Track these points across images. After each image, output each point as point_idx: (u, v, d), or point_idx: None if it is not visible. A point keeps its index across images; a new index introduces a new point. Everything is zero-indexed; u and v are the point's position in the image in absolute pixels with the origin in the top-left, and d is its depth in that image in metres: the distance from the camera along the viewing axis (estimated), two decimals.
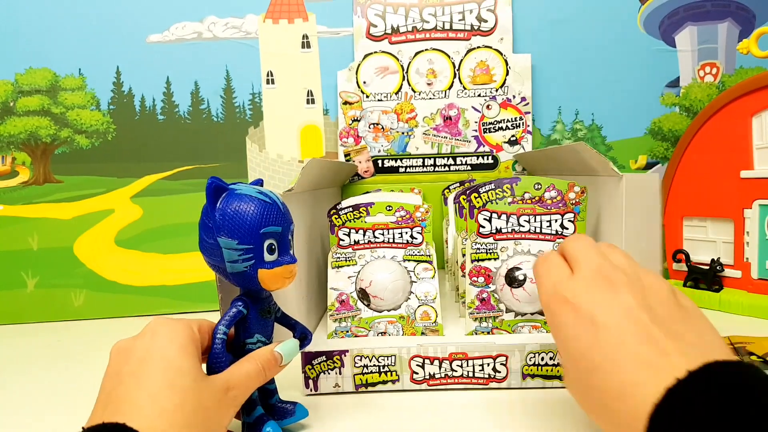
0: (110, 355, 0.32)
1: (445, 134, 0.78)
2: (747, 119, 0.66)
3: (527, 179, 0.48)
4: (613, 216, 0.47)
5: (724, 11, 0.77)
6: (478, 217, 0.48)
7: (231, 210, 0.33)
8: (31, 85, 0.76)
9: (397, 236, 0.50)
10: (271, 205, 0.35)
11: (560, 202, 0.47)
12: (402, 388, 0.44)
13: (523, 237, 0.48)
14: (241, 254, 0.33)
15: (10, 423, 0.44)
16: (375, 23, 0.78)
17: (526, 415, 0.40)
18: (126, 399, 0.29)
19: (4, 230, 0.77)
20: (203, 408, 0.30)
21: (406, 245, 0.50)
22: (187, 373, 0.30)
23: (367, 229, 0.50)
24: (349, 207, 0.51)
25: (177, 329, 0.32)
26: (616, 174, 0.45)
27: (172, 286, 0.78)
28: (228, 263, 0.34)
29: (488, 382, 0.44)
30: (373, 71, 0.78)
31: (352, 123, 0.78)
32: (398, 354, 0.44)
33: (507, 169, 0.78)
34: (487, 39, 0.77)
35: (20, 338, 0.70)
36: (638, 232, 0.45)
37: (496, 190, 0.48)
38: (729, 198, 0.67)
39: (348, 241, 0.51)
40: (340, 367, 0.44)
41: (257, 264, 0.34)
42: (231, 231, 0.33)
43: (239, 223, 0.33)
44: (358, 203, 0.51)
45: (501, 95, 0.77)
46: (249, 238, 0.33)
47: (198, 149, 0.79)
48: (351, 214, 0.51)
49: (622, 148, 0.80)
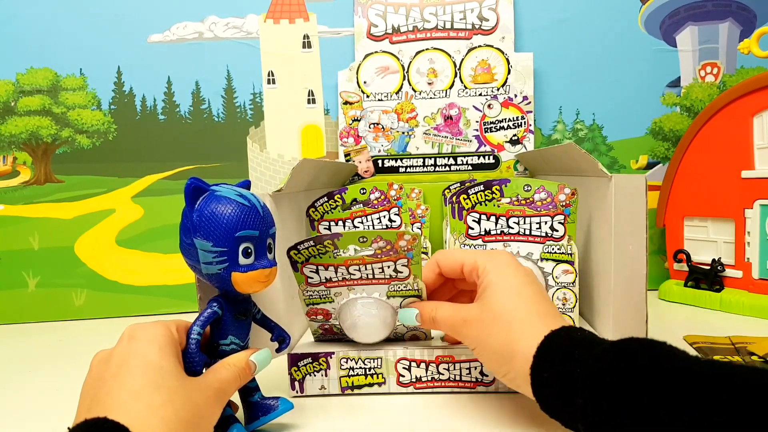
0: (90, 365, 0.32)
1: (446, 134, 0.78)
2: (748, 119, 0.66)
3: (516, 180, 0.47)
4: (603, 217, 0.47)
5: (725, 11, 0.77)
6: (467, 218, 0.48)
7: (208, 212, 0.33)
8: (32, 84, 0.76)
9: (377, 271, 0.41)
10: (249, 209, 0.34)
11: (550, 204, 0.47)
12: (388, 390, 0.44)
13: (513, 239, 0.48)
14: (216, 256, 0.33)
15: (11, 423, 0.44)
16: (376, 23, 0.78)
17: (514, 419, 0.39)
18: (108, 398, 0.28)
19: (5, 230, 0.77)
20: (192, 404, 0.30)
21: (389, 281, 0.42)
22: (169, 372, 0.30)
23: (339, 265, 0.41)
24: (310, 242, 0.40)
25: (155, 332, 0.32)
26: (605, 175, 0.45)
27: (173, 285, 0.78)
28: (203, 264, 0.34)
29: (475, 386, 0.43)
30: (373, 71, 0.78)
31: (353, 123, 0.78)
32: (384, 356, 0.44)
33: (508, 169, 0.78)
34: (488, 38, 0.77)
35: (21, 338, 0.70)
36: (626, 234, 0.45)
37: (485, 192, 0.48)
38: (730, 198, 0.67)
39: (318, 279, 0.42)
40: (326, 369, 0.44)
41: (231, 267, 0.34)
42: (206, 233, 0.33)
43: (215, 225, 0.33)
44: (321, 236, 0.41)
45: (503, 94, 0.77)
46: (224, 240, 0.33)
47: (199, 149, 0.79)
48: (314, 249, 0.41)
49: (622, 148, 0.80)
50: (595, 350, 0.31)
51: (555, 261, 0.47)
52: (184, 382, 0.31)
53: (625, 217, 0.45)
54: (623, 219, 0.45)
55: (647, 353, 0.29)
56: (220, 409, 0.33)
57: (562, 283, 0.47)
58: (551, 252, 0.47)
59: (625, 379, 0.28)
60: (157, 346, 0.31)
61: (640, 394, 0.27)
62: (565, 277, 0.47)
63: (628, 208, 0.45)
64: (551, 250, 0.47)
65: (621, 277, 0.46)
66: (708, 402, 0.25)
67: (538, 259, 0.47)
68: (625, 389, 0.28)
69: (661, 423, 0.26)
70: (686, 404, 0.26)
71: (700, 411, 0.25)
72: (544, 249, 0.47)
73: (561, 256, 0.47)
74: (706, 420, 0.25)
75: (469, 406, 0.42)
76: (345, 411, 0.42)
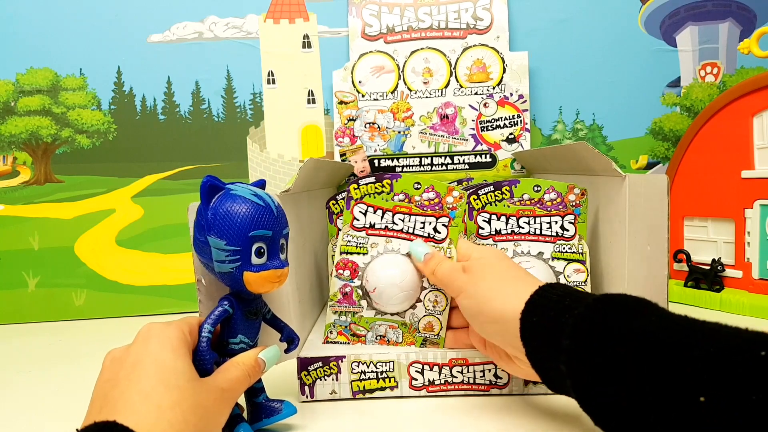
0: (103, 363, 0.33)
1: (442, 133, 0.78)
2: (748, 119, 0.66)
3: (526, 181, 0.47)
4: (614, 217, 0.47)
5: (725, 11, 0.77)
6: (477, 218, 0.48)
7: (222, 210, 0.33)
8: (32, 84, 0.76)
9: (419, 226, 0.44)
10: (264, 208, 0.35)
11: (560, 204, 0.47)
12: (401, 394, 0.44)
13: (523, 238, 0.48)
14: (229, 255, 0.33)
15: (11, 423, 0.44)
16: (370, 23, 0.78)
17: (529, 421, 0.39)
18: (120, 400, 0.29)
19: (5, 230, 0.77)
20: (201, 406, 0.30)
21: (426, 239, 0.44)
22: (182, 373, 0.31)
23: (387, 210, 0.44)
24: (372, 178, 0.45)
25: (169, 333, 0.33)
26: (619, 174, 0.45)
27: (173, 285, 0.78)
28: (215, 262, 0.34)
29: (489, 388, 0.43)
30: (368, 71, 0.78)
31: (348, 123, 0.78)
32: (397, 360, 0.43)
33: (505, 168, 0.78)
34: (483, 37, 0.77)
35: (21, 338, 0.70)
36: (642, 234, 0.44)
37: (495, 192, 0.48)
38: (730, 198, 0.67)
39: (363, 222, 0.45)
40: (336, 373, 0.44)
41: (243, 266, 0.34)
42: (220, 231, 0.33)
43: (229, 224, 0.33)
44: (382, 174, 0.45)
45: (498, 93, 0.77)
46: (237, 239, 0.33)
47: (199, 149, 0.79)
48: (372, 186, 0.44)
49: (622, 148, 0.80)
50: (587, 299, 0.32)
51: (566, 260, 0.48)
52: (194, 384, 0.31)
53: (639, 216, 0.44)
54: (637, 219, 0.44)
55: (636, 307, 0.30)
56: (229, 410, 0.34)
57: (574, 282, 0.47)
58: (562, 251, 0.48)
59: (611, 326, 0.29)
60: (170, 348, 0.32)
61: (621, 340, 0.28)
62: (577, 276, 0.47)
63: (643, 207, 0.44)
64: (562, 249, 0.48)
65: (637, 276, 0.45)
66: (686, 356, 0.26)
67: (549, 258, 0.48)
68: (608, 335, 0.29)
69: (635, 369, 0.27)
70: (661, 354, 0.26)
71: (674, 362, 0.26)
72: (555, 248, 0.48)
73: (572, 255, 0.47)
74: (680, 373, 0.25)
75: (483, 408, 0.41)
76: (357, 416, 0.41)
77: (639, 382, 0.27)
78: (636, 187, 0.44)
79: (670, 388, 0.25)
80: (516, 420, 0.39)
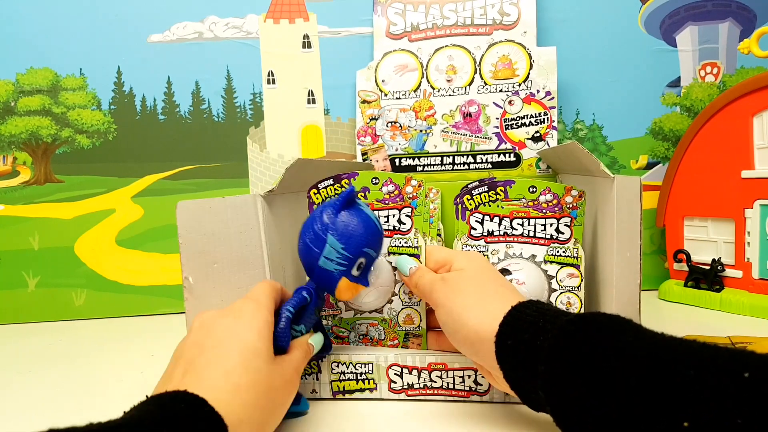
0: (192, 325, 0.35)
1: (465, 131, 0.76)
2: (748, 119, 0.66)
3: (522, 182, 0.47)
4: (607, 218, 0.46)
5: (725, 11, 0.77)
6: (470, 219, 0.47)
7: (355, 221, 0.38)
8: (32, 84, 0.76)
9: (382, 219, 0.44)
10: (380, 234, 0.40)
11: (556, 206, 0.46)
12: (380, 396, 0.43)
13: (516, 240, 0.47)
14: (339, 258, 0.37)
15: (11, 423, 0.44)
16: (395, 21, 0.77)
17: (508, 430, 0.38)
18: (205, 371, 0.31)
19: (5, 230, 0.77)
20: (273, 389, 0.33)
21: (392, 232, 0.44)
22: (261, 354, 0.33)
23: None
24: (329, 180, 0.45)
25: (259, 315, 0.35)
26: (608, 175, 0.44)
27: (173, 285, 0.78)
28: (323, 257, 0.38)
29: (469, 395, 0.42)
30: (391, 69, 0.77)
31: (370, 122, 0.77)
32: (376, 362, 0.43)
33: (530, 167, 0.75)
34: (509, 33, 0.75)
35: (21, 338, 0.70)
36: (626, 235, 0.44)
37: (489, 193, 0.47)
38: (730, 198, 0.67)
39: None
40: (317, 372, 0.44)
41: (345, 272, 0.38)
42: (343, 236, 0.37)
43: (354, 234, 0.38)
44: (339, 174, 0.45)
45: (524, 90, 0.74)
46: (353, 249, 0.38)
47: (199, 149, 0.79)
48: (332, 188, 0.46)
49: (622, 148, 0.80)
50: (560, 320, 0.32)
51: (560, 264, 0.46)
52: (271, 366, 0.33)
53: (624, 218, 0.44)
54: (622, 221, 0.44)
55: (611, 326, 0.30)
56: (293, 394, 0.36)
57: (567, 286, 0.46)
58: (556, 255, 0.46)
59: (586, 350, 0.29)
60: (257, 329, 0.34)
61: (598, 365, 0.28)
62: (570, 280, 0.46)
63: (625, 210, 0.44)
64: (556, 252, 0.46)
65: (622, 282, 0.44)
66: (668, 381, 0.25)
67: (542, 261, 0.47)
68: (584, 360, 0.29)
69: (614, 395, 0.27)
70: (641, 379, 0.26)
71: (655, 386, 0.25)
72: (549, 251, 0.46)
73: (566, 259, 0.46)
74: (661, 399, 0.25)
75: (462, 415, 0.40)
76: (336, 416, 0.41)
77: (619, 412, 0.26)
78: (622, 188, 0.44)
79: (653, 415, 0.25)
80: (495, 427, 0.38)
